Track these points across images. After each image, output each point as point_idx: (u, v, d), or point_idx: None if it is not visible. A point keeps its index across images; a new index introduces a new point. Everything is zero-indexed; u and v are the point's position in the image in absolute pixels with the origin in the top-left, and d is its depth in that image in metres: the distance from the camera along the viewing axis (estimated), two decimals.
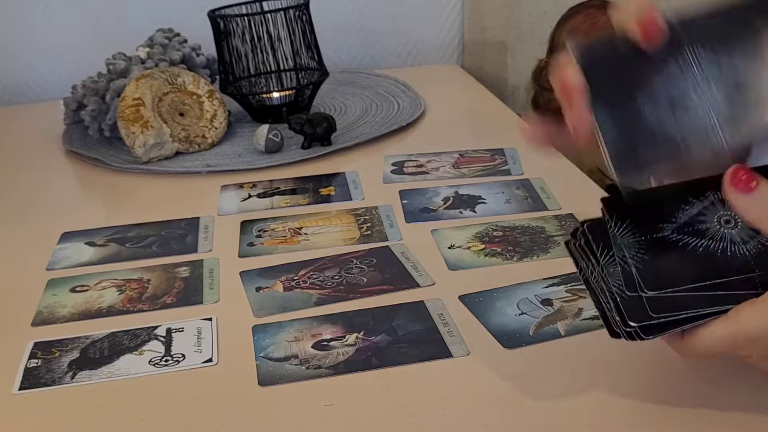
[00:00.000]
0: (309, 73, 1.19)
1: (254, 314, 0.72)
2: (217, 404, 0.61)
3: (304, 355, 0.66)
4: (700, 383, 0.59)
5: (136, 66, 1.13)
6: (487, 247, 0.80)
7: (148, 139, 1.04)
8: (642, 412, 0.57)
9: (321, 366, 0.64)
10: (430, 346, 0.66)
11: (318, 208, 0.91)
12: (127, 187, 1.01)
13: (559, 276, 0.74)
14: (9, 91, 1.40)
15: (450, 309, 0.70)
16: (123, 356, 0.68)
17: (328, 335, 0.68)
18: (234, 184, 0.99)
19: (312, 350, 0.66)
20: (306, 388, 0.62)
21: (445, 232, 0.84)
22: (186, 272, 0.80)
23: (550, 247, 0.79)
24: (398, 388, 0.61)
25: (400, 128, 1.12)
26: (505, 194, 0.91)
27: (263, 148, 1.05)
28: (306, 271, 0.78)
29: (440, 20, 1.44)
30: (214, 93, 1.11)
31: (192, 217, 0.91)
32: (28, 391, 0.64)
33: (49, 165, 1.11)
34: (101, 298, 0.76)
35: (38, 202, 1.00)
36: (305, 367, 0.64)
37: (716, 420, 0.56)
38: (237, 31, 1.14)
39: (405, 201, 0.91)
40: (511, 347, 0.65)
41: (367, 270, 0.78)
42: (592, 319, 0.67)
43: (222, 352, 0.67)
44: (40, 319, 0.74)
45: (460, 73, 1.38)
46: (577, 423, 0.57)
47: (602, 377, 0.61)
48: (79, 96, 1.14)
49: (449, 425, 0.57)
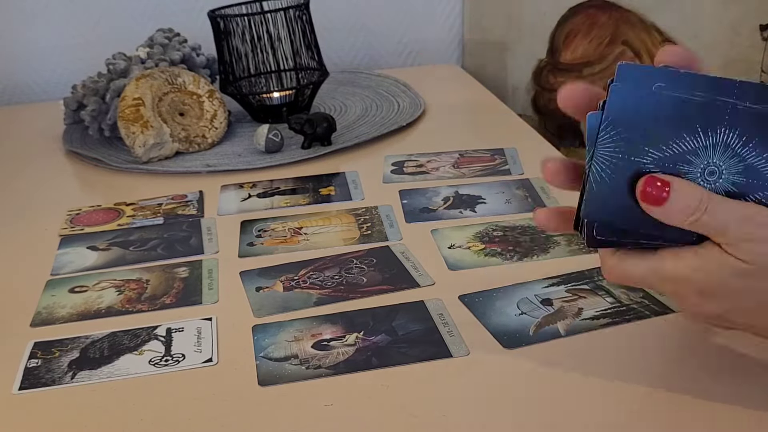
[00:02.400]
0: (309, 73, 1.19)
1: (254, 314, 0.72)
2: (217, 404, 0.61)
3: (304, 355, 0.66)
4: (701, 383, 0.59)
5: (136, 66, 1.13)
6: (487, 246, 0.80)
7: (148, 139, 1.04)
8: (642, 413, 0.57)
9: (321, 366, 0.64)
10: (430, 346, 0.66)
11: (318, 207, 0.91)
12: (127, 187, 1.01)
13: (559, 276, 0.74)
14: (9, 91, 1.40)
15: (450, 309, 0.70)
16: (123, 356, 0.68)
17: (328, 335, 0.68)
18: (234, 183, 0.99)
19: (312, 350, 0.66)
20: (306, 388, 0.62)
21: (445, 231, 0.84)
22: (185, 272, 0.80)
23: (550, 247, 0.79)
24: (398, 388, 0.61)
25: (400, 128, 1.12)
26: (505, 194, 0.91)
27: (263, 148, 1.05)
28: (306, 271, 0.78)
29: (440, 20, 1.43)
30: (214, 93, 1.11)
31: (193, 219, 0.91)
32: (28, 391, 0.64)
33: (49, 165, 1.11)
34: (100, 298, 0.76)
35: (38, 202, 1.00)
36: (305, 367, 0.64)
37: (717, 420, 0.56)
38: (237, 31, 1.14)
39: (405, 201, 0.91)
40: (511, 347, 0.65)
41: (367, 270, 0.78)
42: (592, 319, 0.67)
43: (222, 352, 0.67)
44: (40, 319, 0.74)
45: (460, 73, 1.38)
46: (578, 423, 0.57)
47: (602, 377, 0.61)
48: (79, 96, 1.14)
49: (449, 425, 0.57)
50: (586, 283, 0.72)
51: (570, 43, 1.31)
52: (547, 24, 1.31)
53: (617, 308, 0.68)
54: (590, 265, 0.75)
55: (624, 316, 0.67)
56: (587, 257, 0.76)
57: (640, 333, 0.65)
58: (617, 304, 0.69)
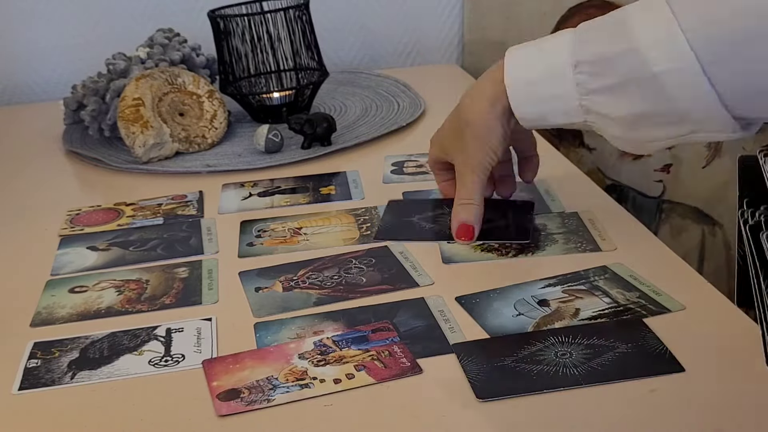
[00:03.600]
0: (309, 73, 1.20)
1: (254, 314, 0.72)
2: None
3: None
4: (701, 384, 0.59)
5: (136, 66, 1.13)
6: (485, 242, 0.80)
7: (148, 139, 1.04)
8: (642, 413, 0.57)
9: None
10: (432, 343, 0.66)
11: (318, 207, 0.91)
12: (127, 187, 1.01)
13: (555, 276, 0.74)
14: (9, 91, 1.40)
15: (449, 308, 0.70)
16: (123, 356, 0.68)
17: (330, 332, 0.68)
18: (235, 183, 0.99)
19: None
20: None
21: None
22: (185, 273, 0.80)
23: (547, 245, 0.79)
24: (398, 388, 0.61)
25: (400, 128, 1.12)
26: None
27: (263, 148, 1.05)
28: (305, 271, 0.78)
29: (440, 20, 1.43)
30: (214, 93, 1.11)
31: (193, 219, 0.91)
32: (28, 391, 0.64)
33: (49, 165, 1.11)
34: (100, 298, 0.76)
35: (38, 202, 1.00)
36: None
37: (717, 421, 0.56)
38: (237, 31, 1.14)
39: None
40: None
41: (366, 270, 0.78)
42: (589, 320, 0.67)
43: (222, 353, 0.67)
44: (39, 319, 0.74)
45: (460, 73, 1.38)
46: (579, 422, 0.57)
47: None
48: (79, 96, 1.14)
49: (449, 425, 0.57)
50: (583, 283, 0.72)
51: None
52: (547, 24, 1.31)
53: (614, 308, 0.68)
54: (586, 266, 0.75)
55: (621, 317, 0.67)
56: (582, 256, 0.76)
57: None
58: (614, 305, 0.69)
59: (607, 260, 0.75)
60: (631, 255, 0.76)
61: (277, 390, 0.61)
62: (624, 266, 0.74)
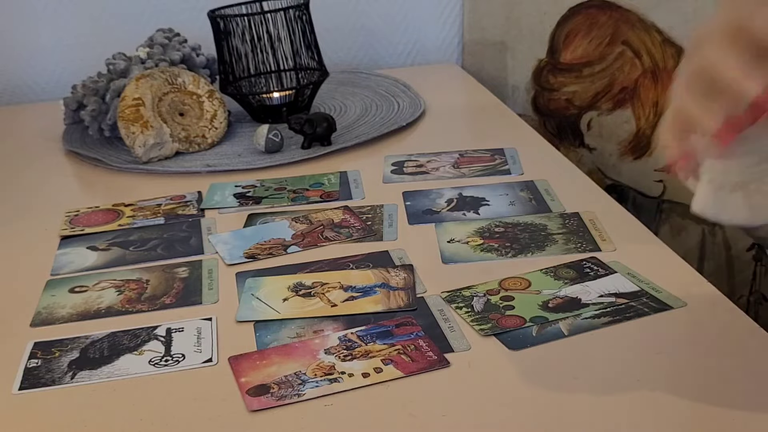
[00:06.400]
0: (309, 73, 1.19)
1: (239, 318, 0.72)
2: (217, 404, 0.61)
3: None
4: (701, 384, 0.59)
5: (136, 66, 1.13)
6: (486, 242, 0.80)
7: (148, 139, 1.04)
8: (644, 413, 0.57)
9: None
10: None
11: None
12: (126, 187, 1.01)
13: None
14: (9, 91, 1.40)
15: (449, 308, 0.70)
16: (123, 356, 0.67)
17: (329, 332, 0.68)
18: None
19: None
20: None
21: (448, 226, 0.84)
22: (185, 273, 0.80)
23: (546, 245, 0.79)
24: (398, 387, 0.61)
25: (400, 128, 1.12)
26: (509, 196, 0.90)
27: (263, 148, 1.05)
28: (303, 273, 0.78)
29: (440, 20, 1.43)
30: (214, 93, 1.11)
31: (193, 219, 0.91)
32: (28, 391, 0.64)
33: (49, 165, 1.11)
34: (100, 298, 0.76)
35: (38, 202, 0.99)
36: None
37: (717, 420, 0.56)
38: (237, 31, 1.14)
39: (408, 203, 0.91)
40: (515, 349, 0.65)
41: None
42: (593, 318, 0.67)
43: (222, 352, 0.67)
44: (39, 319, 0.74)
45: (460, 73, 1.38)
46: (580, 422, 0.57)
47: (605, 376, 0.61)
48: (79, 96, 1.14)
49: (449, 425, 0.57)
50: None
51: (570, 43, 1.31)
52: (547, 24, 1.31)
53: (617, 307, 0.68)
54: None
55: (625, 314, 0.67)
56: (582, 256, 0.76)
57: (640, 330, 0.65)
58: (615, 303, 0.69)
59: (607, 260, 0.75)
60: (631, 255, 0.76)
61: (306, 384, 0.61)
62: (624, 265, 0.74)
